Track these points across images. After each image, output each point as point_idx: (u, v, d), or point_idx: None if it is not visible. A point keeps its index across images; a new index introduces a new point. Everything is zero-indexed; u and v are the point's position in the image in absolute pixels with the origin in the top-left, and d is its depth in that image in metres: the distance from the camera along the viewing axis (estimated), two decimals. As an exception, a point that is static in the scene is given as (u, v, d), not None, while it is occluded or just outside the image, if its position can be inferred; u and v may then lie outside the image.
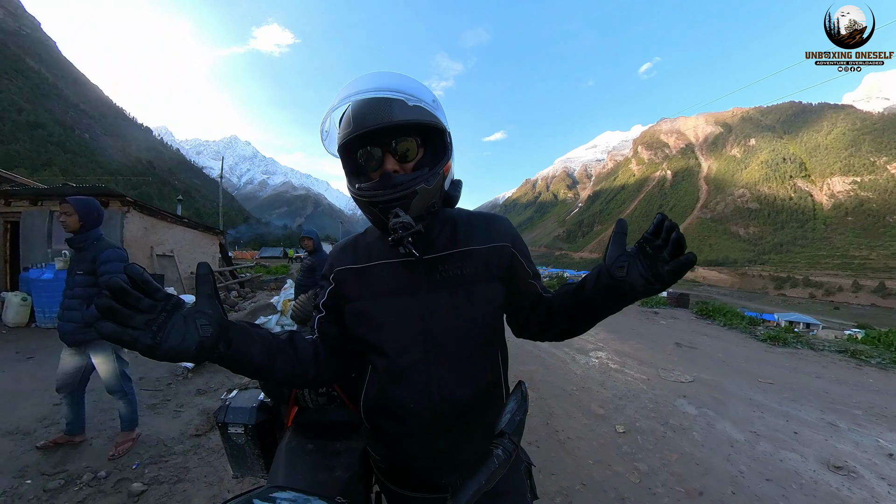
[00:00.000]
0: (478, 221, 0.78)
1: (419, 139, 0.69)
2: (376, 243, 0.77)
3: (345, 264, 0.77)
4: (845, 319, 54.69)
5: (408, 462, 0.75)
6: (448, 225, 0.76)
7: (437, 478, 0.75)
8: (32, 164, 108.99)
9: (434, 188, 0.66)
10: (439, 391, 0.69)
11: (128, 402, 2.30)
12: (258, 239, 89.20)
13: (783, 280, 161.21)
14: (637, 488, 2.10)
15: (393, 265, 0.73)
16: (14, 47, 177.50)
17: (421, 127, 0.67)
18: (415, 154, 0.68)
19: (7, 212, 7.06)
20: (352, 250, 0.79)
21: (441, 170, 0.68)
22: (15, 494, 1.84)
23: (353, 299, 0.74)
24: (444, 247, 0.73)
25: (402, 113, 0.63)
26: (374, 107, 0.62)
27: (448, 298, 0.71)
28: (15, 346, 4.51)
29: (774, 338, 6.41)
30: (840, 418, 3.20)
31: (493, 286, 0.74)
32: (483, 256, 0.73)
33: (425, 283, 0.71)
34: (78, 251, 2.11)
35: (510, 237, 0.77)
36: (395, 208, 0.64)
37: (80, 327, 2.07)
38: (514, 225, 0.81)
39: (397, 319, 0.71)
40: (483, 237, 0.75)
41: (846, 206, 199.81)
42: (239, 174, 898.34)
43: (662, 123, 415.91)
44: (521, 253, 0.78)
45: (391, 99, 0.62)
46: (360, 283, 0.74)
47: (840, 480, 2.25)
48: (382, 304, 0.72)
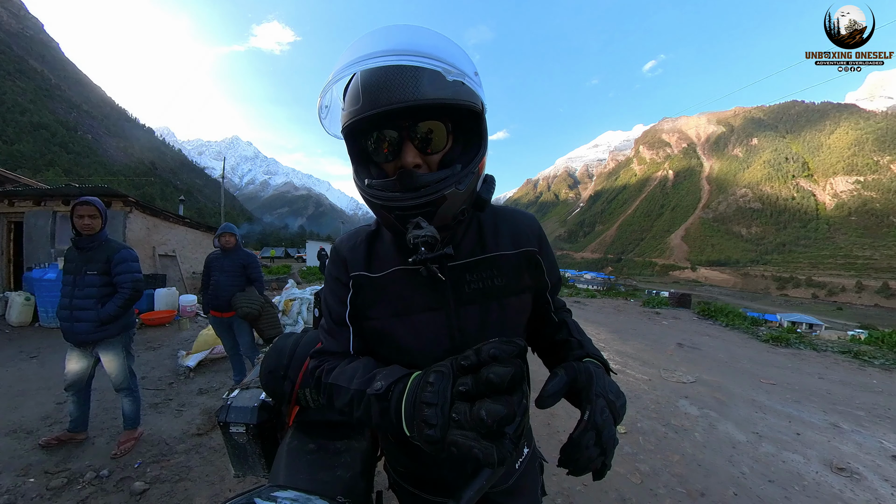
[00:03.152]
0: (505, 221, 0.67)
1: (450, 124, 0.53)
2: (392, 246, 0.63)
3: (359, 270, 0.63)
4: (848, 320, 54.39)
5: (433, 469, 0.72)
6: (473, 225, 0.65)
7: (455, 480, 0.72)
8: (36, 164, 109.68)
9: (466, 192, 0.52)
10: None
11: (133, 400, 2.32)
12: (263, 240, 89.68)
13: (786, 280, 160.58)
14: (638, 489, 2.10)
15: (413, 273, 0.60)
16: (17, 49, 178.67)
17: (454, 108, 0.50)
18: (443, 144, 0.53)
19: (11, 212, 7.11)
20: (364, 251, 0.65)
21: (476, 167, 0.53)
22: (18, 493, 1.85)
23: (368, 317, 0.62)
24: (471, 252, 0.62)
25: (432, 88, 0.47)
26: (392, 78, 0.46)
27: (479, 314, 0.61)
28: (18, 346, 4.53)
29: (777, 338, 6.38)
30: (843, 419, 3.18)
31: (524, 298, 0.66)
32: (513, 264, 0.64)
33: (453, 296, 0.60)
34: (85, 251, 2.11)
35: (537, 239, 0.68)
36: (417, 217, 0.50)
37: (94, 326, 2.08)
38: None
39: (424, 340, 0.60)
40: (512, 240, 0.65)
41: (849, 206, 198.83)
42: (241, 174, 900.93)
43: (664, 123, 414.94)
44: (545, 259, 0.69)
45: (417, 68, 0.46)
46: (378, 296, 0.62)
47: (843, 482, 2.24)
48: (405, 322, 0.60)
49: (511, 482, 0.74)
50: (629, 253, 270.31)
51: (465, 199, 0.54)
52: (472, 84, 0.49)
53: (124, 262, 2.14)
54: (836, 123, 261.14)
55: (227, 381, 3.58)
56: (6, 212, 7.14)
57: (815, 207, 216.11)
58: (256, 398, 1.12)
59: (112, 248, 2.16)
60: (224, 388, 3.36)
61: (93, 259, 2.10)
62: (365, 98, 0.48)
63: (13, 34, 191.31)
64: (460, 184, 0.51)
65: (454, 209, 0.53)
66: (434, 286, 0.60)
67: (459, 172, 0.52)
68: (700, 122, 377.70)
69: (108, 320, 2.10)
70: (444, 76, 0.46)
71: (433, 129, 0.51)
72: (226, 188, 25.27)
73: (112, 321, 2.12)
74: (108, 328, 2.13)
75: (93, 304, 2.08)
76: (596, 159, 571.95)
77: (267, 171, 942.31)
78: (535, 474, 0.79)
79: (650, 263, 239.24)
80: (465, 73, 0.47)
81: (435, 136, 0.52)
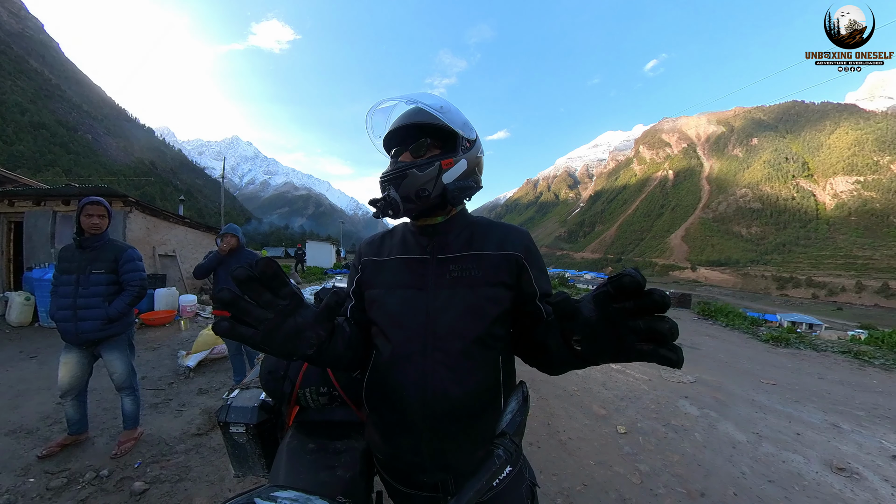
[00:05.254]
0: (496, 230, 0.82)
1: (436, 141, 0.78)
2: (399, 240, 0.85)
3: (369, 256, 0.87)
4: (848, 320, 54.40)
5: (399, 455, 0.76)
6: (466, 230, 0.82)
7: (423, 475, 0.75)
8: (36, 164, 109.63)
9: (425, 176, 0.73)
10: (432, 385, 0.71)
11: (134, 400, 2.32)
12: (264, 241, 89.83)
13: (786, 280, 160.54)
14: (638, 489, 2.10)
15: (409, 261, 0.80)
16: (18, 48, 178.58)
17: (433, 129, 0.76)
18: (424, 151, 0.77)
19: (11, 212, 7.11)
20: (377, 245, 0.88)
21: (437, 162, 0.74)
22: (18, 493, 1.85)
23: (371, 286, 0.83)
24: (459, 249, 0.79)
25: (417, 117, 0.76)
26: (400, 117, 0.79)
27: (452, 296, 0.75)
28: (18, 346, 4.54)
29: (777, 338, 6.39)
30: (843, 420, 3.18)
31: (497, 290, 0.75)
32: (493, 262, 0.76)
33: (435, 280, 0.76)
34: (89, 251, 2.11)
35: (524, 248, 0.79)
36: (389, 186, 0.74)
37: (101, 324, 2.09)
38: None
39: (403, 310, 0.76)
40: (497, 244, 0.79)
41: (849, 206, 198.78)
42: (241, 174, 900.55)
43: (664, 123, 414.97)
44: (533, 266, 0.78)
45: (414, 109, 0.77)
46: (379, 273, 0.83)
47: (843, 482, 2.24)
48: (393, 294, 0.79)
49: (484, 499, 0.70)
50: (629, 253, 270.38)
51: (424, 182, 0.73)
52: (438, 113, 0.73)
53: (131, 261, 2.18)
54: (836, 123, 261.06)
55: (227, 381, 3.58)
56: (6, 212, 7.13)
57: (815, 207, 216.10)
58: (256, 398, 1.12)
59: (118, 247, 2.18)
60: (224, 388, 3.37)
61: (99, 258, 2.11)
62: (389, 126, 0.79)
63: (13, 34, 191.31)
64: (420, 169, 0.73)
65: (415, 186, 0.73)
66: (423, 270, 0.78)
67: (420, 162, 0.74)
68: (700, 122, 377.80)
69: (117, 317, 2.12)
70: (426, 112, 0.74)
71: (419, 143, 0.77)
72: (226, 188, 25.27)
73: (119, 318, 2.14)
74: (114, 326, 2.14)
75: (100, 303, 2.09)
76: (596, 159, 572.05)
77: (267, 171, 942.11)
78: (519, 496, 0.74)
79: (650, 263, 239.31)
80: (430, 106, 0.73)
81: (420, 147, 0.77)
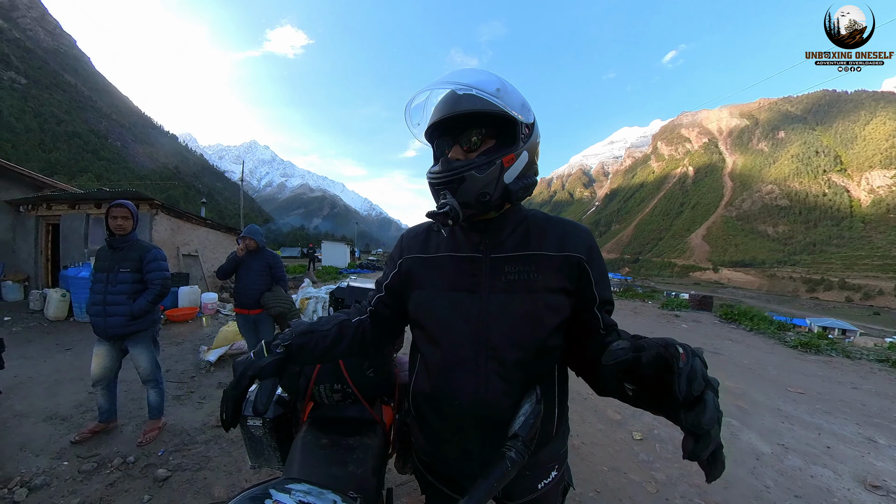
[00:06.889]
0: (554, 226, 0.74)
1: (490, 130, 0.68)
2: (447, 234, 0.77)
3: (414, 252, 0.79)
4: (886, 325, 50.75)
5: (442, 457, 0.76)
6: (521, 226, 0.74)
7: (464, 480, 0.74)
8: (70, 170, 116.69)
9: (486, 177, 0.64)
10: (484, 395, 0.67)
11: (158, 392, 2.44)
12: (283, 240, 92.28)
13: (816, 282, 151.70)
14: (654, 499, 2.03)
15: (460, 259, 0.73)
16: (53, 64, 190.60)
17: (488, 117, 0.66)
18: (479, 144, 0.68)
19: (49, 215, 7.62)
20: (423, 238, 0.80)
21: (498, 160, 0.64)
22: (53, 474, 1.98)
23: (418, 286, 0.76)
24: (514, 248, 0.71)
25: (467, 104, 0.64)
26: (445, 101, 0.67)
27: (508, 302, 0.68)
28: (55, 339, 4.83)
29: (806, 344, 6.05)
30: (879, 433, 2.98)
31: (557, 297, 0.69)
32: (553, 264, 0.69)
33: (488, 283, 0.70)
34: (118, 251, 2.24)
35: (587, 249, 0.71)
36: (444, 191, 0.66)
37: (126, 320, 2.21)
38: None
39: (454, 315, 0.70)
40: (557, 244, 0.71)
41: (887, 203, 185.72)
42: (259, 177, 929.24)
43: (683, 117, 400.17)
44: (594, 270, 0.71)
45: (460, 93, 0.65)
46: (427, 272, 0.76)
47: (877, 501, 2.10)
48: (443, 297, 0.73)
49: (527, 500, 0.74)
50: (647, 253, 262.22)
51: (485, 184, 0.65)
52: (493, 97, 0.62)
53: (155, 260, 2.29)
54: (872, 113, 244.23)
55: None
56: (44, 215, 7.65)
57: (848, 204, 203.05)
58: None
59: (143, 247, 2.29)
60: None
61: (126, 258, 2.23)
62: (431, 115, 0.70)
63: (49, 51, 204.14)
64: (479, 170, 0.64)
65: (474, 189, 0.64)
66: (475, 270, 0.71)
67: (480, 161, 0.65)
68: (722, 115, 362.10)
69: (140, 314, 2.22)
70: (475, 96, 0.63)
71: (471, 134, 0.68)
72: (245, 191, 26.16)
73: (143, 315, 2.24)
74: (139, 322, 2.25)
75: (125, 300, 2.20)
76: (612, 156, 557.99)
77: (283, 173, 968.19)
78: (556, 498, 0.80)
79: (669, 264, 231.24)
80: (483, 90, 0.62)
81: (473, 139, 0.68)
